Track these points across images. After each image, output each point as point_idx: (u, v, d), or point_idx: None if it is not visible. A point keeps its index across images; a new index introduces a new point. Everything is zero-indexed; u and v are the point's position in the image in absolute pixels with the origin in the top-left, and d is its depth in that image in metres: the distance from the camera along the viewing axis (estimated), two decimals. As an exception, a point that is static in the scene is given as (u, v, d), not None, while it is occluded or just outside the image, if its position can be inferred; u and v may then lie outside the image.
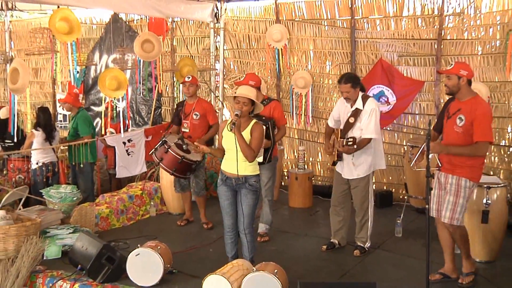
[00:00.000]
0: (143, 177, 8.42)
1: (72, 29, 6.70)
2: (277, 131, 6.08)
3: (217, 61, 9.26)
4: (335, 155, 5.76)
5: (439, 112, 5.41)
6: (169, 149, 6.19)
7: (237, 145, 4.82)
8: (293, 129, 9.06)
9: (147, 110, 10.15)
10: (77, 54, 7.07)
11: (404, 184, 7.59)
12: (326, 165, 8.72)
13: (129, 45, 9.49)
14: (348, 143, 5.46)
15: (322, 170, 8.90)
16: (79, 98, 7.98)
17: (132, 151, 7.82)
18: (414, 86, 7.87)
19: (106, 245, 5.10)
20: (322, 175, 8.87)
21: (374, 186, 8.21)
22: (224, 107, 9.41)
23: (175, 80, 9.62)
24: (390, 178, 8.34)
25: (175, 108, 7.41)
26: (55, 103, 11.13)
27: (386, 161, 8.15)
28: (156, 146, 6.38)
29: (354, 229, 5.96)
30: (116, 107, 8.96)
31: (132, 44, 7.88)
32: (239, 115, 4.84)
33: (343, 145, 5.52)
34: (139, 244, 5.13)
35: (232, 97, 5.03)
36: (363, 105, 5.59)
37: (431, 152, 4.58)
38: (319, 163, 8.93)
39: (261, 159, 5.68)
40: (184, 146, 6.30)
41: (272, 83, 9.11)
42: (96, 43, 10.59)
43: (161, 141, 6.35)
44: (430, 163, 4.45)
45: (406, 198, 7.46)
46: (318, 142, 8.78)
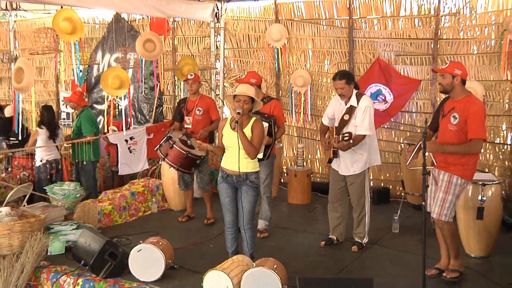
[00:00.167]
0: (145, 174, 8.43)
1: (75, 29, 6.69)
2: (276, 129, 6.09)
3: (217, 60, 9.25)
4: (331, 152, 5.77)
5: (435, 110, 5.41)
6: (174, 145, 6.19)
7: (239, 143, 4.83)
8: (292, 127, 9.06)
9: (148, 108, 10.15)
10: (80, 53, 7.05)
11: (401, 181, 7.60)
12: (324, 162, 8.73)
13: (131, 45, 9.47)
14: (344, 138, 5.46)
15: (320, 167, 8.91)
16: (84, 97, 7.98)
17: (134, 149, 7.83)
18: (411, 84, 7.87)
19: (108, 241, 5.11)
20: (320, 172, 8.88)
21: (372, 183, 8.35)
22: (224, 105, 9.41)
23: (176, 79, 9.62)
24: (388, 175, 8.35)
25: (176, 105, 7.40)
26: (59, 101, 11.14)
27: (383, 158, 8.28)
28: (161, 142, 6.37)
29: (352, 225, 5.96)
30: (118, 105, 8.96)
31: (134, 44, 7.87)
32: (241, 113, 4.85)
33: (339, 141, 5.52)
34: (141, 240, 5.14)
35: (232, 96, 5.03)
36: (357, 103, 5.60)
37: (427, 151, 4.59)
38: (317, 160, 8.94)
39: (261, 156, 5.67)
40: (189, 142, 6.30)
41: (271, 82, 9.11)
42: (99, 43, 10.59)
43: (165, 137, 6.34)
44: (426, 161, 4.47)
45: (403, 195, 7.46)
46: (317, 139, 8.78)
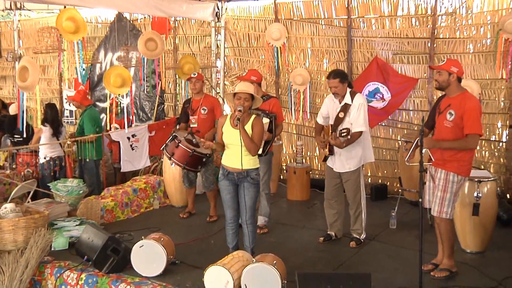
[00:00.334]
0: (146, 171, 8.44)
1: (78, 28, 6.69)
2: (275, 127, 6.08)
3: (218, 59, 9.24)
4: (327, 150, 5.78)
5: (431, 108, 5.42)
6: (179, 144, 6.18)
7: (241, 140, 4.83)
8: (292, 124, 9.06)
9: (150, 106, 10.15)
10: (83, 52, 7.05)
11: (399, 177, 7.60)
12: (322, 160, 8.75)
13: (133, 44, 9.49)
14: (342, 134, 5.46)
15: (319, 164, 8.90)
16: (87, 96, 7.99)
17: (136, 146, 7.84)
18: (408, 83, 7.86)
19: (111, 237, 5.11)
20: (319, 169, 8.88)
21: (369, 179, 8.38)
22: (225, 103, 9.41)
23: (177, 77, 9.62)
24: (385, 172, 8.35)
25: (182, 106, 7.39)
26: (62, 99, 11.15)
27: (381, 155, 8.30)
28: (167, 142, 6.37)
29: (349, 221, 5.97)
30: (120, 103, 8.96)
31: (136, 43, 7.88)
32: (242, 110, 4.85)
33: (336, 137, 5.52)
34: (143, 236, 5.15)
35: (231, 95, 5.02)
36: (351, 100, 5.61)
37: (424, 147, 4.61)
38: (316, 157, 8.94)
39: (260, 151, 5.67)
40: (194, 141, 6.30)
41: (271, 80, 9.11)
42: (101, 42, 10.59)
43: (171, 137, 6.34)
44: (423, 158, 4.48)
45: (400, 191, 7.47)
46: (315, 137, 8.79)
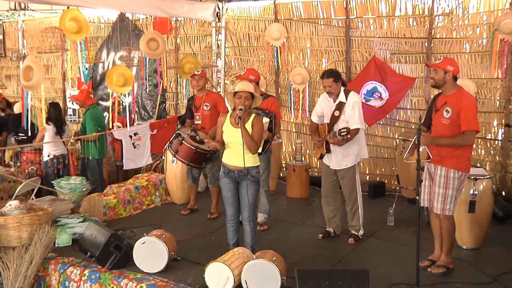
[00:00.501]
0: (148, 169, 8.44)
1: (81, 28, 6.69)
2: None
3: (218, 58, 9.23)
4: (324, 148, 5.78)
5: (428, 107, 5.42)
6: (183, 141, 6.18)
7: (243, 139, 4.84)
8: (291, 123, 9.06)
9: (152, 105, 10.15)
10: (85, 52, 7.05)
11: (396, 175, 7.59)
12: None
13: (135, 43, 9.49)
14: (341, 134, 5.46)
15: (318, 162, 8.88)
16: (90, 95, 7.98)
17: (138, 144, 7.85)
18: (405, 82, 7.86)
19: (114, 234, 5.12)
20: (318, 167, 8.85)
21: (367, 177, 8.38)
22: (225, 102, 9.40)
23: (178, 77, 9.62)
24: (383, 169, 8.36)
25: (186, 104, 7.39)
26: (65, 98, 11.15)
27: (379, 153, 8.31)
28: (170, 139, 6.37)
29: (347, 218, 5.97)
30: (122, 102, 8.96)
31: (138, 42, 7.87)
32: (243, 109, 4.85)
33: (334, 136, 5.52)
34: (145, 233, 5.15)
35: (231, 94, 5.02)
36: (346, 98, 5.62)
37: (422, 145, 4.61)
38: (315, 155, 8.93)
39: (260, 150, 5.68)
40: (197, 137, 6.30)
41: (271, 80, 9.11)
42: (104, 41, 10.58)
43: (175, 134, 6.34)
44: (420, 156, 4.48)
45: (398, 189, 7.47)
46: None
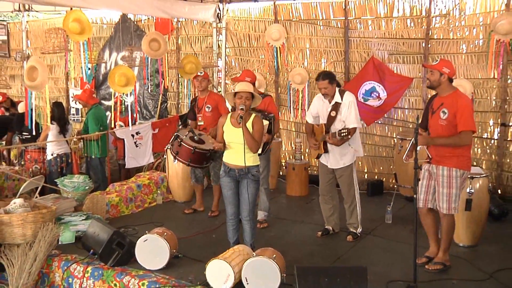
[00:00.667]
0: (150, 167, 8.44)
1: (84, 29, 6.68)
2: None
3: (219, 59, 9.24)
4: (322, 148, 5.78)
5: (424, 108, 5.43)
6: (181, 142, 6.18)
7: (244, 138, 4.83)
8: (290, 122, 9.07)
9: (153, 105, 10.15)
10: (88, 52, 7.05)
11: (394, 174, 7.60)
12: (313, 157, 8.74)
13: (137, 44, 9.47)
14: (342, 134, 5.47)
15: (317, 161, 8.89)
16: (93, 95, 7.98)
17: (140, 143, 7.84)
18: (403, 82, 7.86)
19: (116, 231, 5.12)
20: (317, 165, 8.83)
21: (366, 175, 8.39)
22: (226, 102, 9.40)
23: (179, 76, 9.62)
24: (381, 168, 8.36)
25: (190, 104, 7.39)
26: (68, 97, 11.15)
27: (377, 152, 8.32)
28: (170, 141, 6.37)
29: (345, 215, 5.98)
30: (125, 101, 8.96)
31: (140, 43, 7.86)
32: (244, 109, 4.85)
33: (334, 137, 5.53)
34: (147, 231, 5.15)
35: (231, 94, 5.03)
36: (341, 99, 5.63)
37: (419, 144, 4.61)
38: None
39: (260, 151, 5.69)
40: (196, 137, 6.30)
41: (271, 79, 9.11)
42: (106, 42, 10.58)
43: (174, 136, 6.34)
44: (419, 155, 4.49)
45: (395, 187, 7.48)
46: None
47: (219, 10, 8.88)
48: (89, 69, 8.92)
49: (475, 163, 7.17)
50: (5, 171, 7.04)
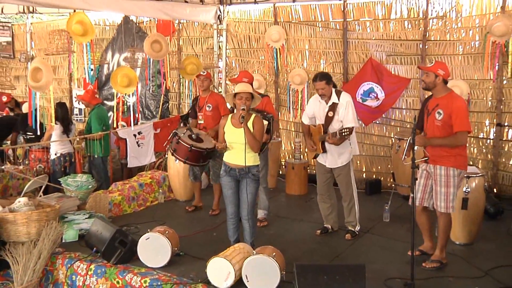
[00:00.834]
0: (152, 167, 8.45)
1: (87, 31, 6.69)
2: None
3: (220, 60, 9.25)
4: (320, 149, 5.79)
5: (419, 110, 5.44)
6: (179, 140, 6.20)
7: (245, 138, 4.84)
8: (290, 122, 9.07)
9: (155, 105, 10.15)
10: (91, 53, 7.05)
11: (392, 173, 7.61)
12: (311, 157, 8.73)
13: (139, 45, 9.49)
14: (343, 133, 5.47)
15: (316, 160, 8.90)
16: (96, 95, 7.99)
17: (142, 143, 7.84)
18: (401, 83, 7.87)
19: (118, 230, 5.13)
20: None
21: (364, 174, 8.39)
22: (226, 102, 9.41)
23: (181, 77, 9.62)
24: (379, 167, 8.37)
25: (191, 103, 7.40)
26: (72, 98, 11.16)
27: (375, 151, 8.32)
28: (168, 139, 6.39)
29: (343, 214, 5.98)
30: (127, 102, 8.97)
31: (142, 44, 7.88)
32: (245, 109, 4.87)
33: (334, 137, 5.53)
34: (149, 229, 5.16)
35: (231, 95, 5.04)
36: (338, 99, 5.64)
37: (416, 145, 4.63)
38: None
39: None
40: (193, 136, 6.31)
41: (270, 80, 9.11)
42: (109, 43, 10.58)
43: (172, 134, 6.36)
44: (417, 155, 4.49)
45: (393, 186, 7.48)
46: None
47: (220, 12, 8.89)
48: (92, 70, 8.90)
49: (471, 163, 7.18)
50: (10, 170, 7.05)
